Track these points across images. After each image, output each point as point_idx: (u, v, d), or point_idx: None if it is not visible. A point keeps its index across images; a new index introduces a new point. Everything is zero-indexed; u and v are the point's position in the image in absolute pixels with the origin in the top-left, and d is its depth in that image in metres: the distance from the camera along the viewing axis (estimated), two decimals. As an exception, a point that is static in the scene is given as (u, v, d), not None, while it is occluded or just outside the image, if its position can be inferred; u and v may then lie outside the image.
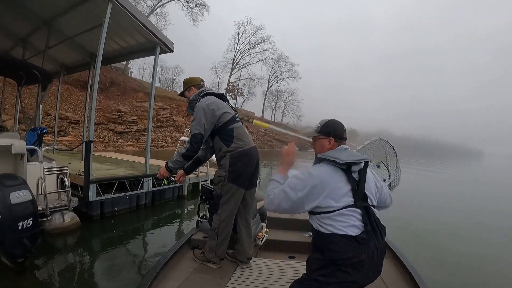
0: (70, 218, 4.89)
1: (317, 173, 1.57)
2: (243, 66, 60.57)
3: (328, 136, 1.74)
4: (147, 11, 37.32)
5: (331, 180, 1.54)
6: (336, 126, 1.77)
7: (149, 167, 7.32)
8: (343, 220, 1.50)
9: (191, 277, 2.46)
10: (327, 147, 1.73)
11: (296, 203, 1.54)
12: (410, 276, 2.46)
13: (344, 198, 1.53)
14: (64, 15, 6.85)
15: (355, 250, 1.43)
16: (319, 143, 1.79)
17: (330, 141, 1.73)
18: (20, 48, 8.78)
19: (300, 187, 1.53)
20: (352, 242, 1.45)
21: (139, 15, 6.64)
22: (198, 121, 2.49)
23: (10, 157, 4.74)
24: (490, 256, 5.43)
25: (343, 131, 1.77)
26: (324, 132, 1.76)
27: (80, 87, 25.07)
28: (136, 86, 35.73)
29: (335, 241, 1.47)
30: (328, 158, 1.58)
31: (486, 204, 11.41)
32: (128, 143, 24.70)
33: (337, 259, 1.43)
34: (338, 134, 1.74)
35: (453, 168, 33.68)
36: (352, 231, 1.48)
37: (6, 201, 3.18)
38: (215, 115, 2.55)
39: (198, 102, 2.61)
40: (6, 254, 3.31)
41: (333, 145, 1.73)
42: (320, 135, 1.78)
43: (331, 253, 1.46)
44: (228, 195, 2.57)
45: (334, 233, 1.48)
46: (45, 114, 18.08)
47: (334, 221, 1.50)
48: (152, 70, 7.79)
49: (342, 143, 1.75)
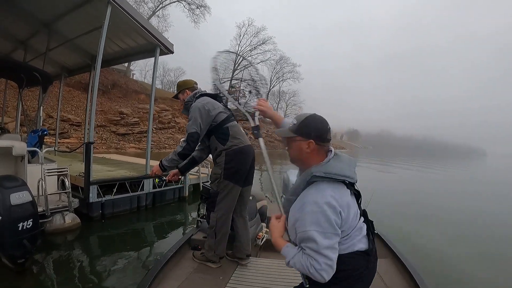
0: (71, 219, 4.91)
1: (335, 201, 1.22)
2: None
3: (308, 138, 1.34)
4: (148, 13, 37.44)
5: (348, 199, 1.30)
6: (319, 125, 1.36)
7: (149, 169, 7.31)
8: (357, 234, 1.32)
9: (191, 277, 2.46)
10: (306, 152, 1.36)
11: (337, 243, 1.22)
12: (410, 276, 2.45)
13: (357, 213, 1.36)
14: (64, 17, 6.90)
15: (366, 263, 1.33)
16: (295, 146, 1.39)
17: (309, 144, 1.34)
18: (21, 50, 8.83)
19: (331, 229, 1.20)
20: (365, 256, 1.32)
21: (139, 17, 6.67)
22: (194, 120, 2.53)
23: (11, 158, 4.75)
24: (490, 257, 5.42)
25: (327, 131, 1.37)
26: (303, 133, 1.35)
27: (82, 89, 25.18)
28: (138, 88, 35.88)
29: (349, 261, 1.28)
30: (336, 177, 1.27)
31: (488, 203, 11.37)
32: (130, 144, 24.76)
33: (351, 276, 1.28)
34: (320, 136, 1.35)
35: (454, 168, 33.52)
36: (364, 243, 1.34)
37: (6, 203, 3.19)
38: (211, 114, 2.59)
39: (194, 103, 2.65)
40: (6, 255, 3.32)
41: (313, 149, 1.35)
42: (297, 136, 1.37)
43: (346, 273, 1.27)
44: (224, 192, 2.59)
45: (349, 251, 1.28)
46: (47, 116, 18.18)
47: (351, 239, 1.30)
48: (153, 72, 7.81)
49: (325, 147, 1.38)
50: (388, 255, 3.02)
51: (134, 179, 6.74)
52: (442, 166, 33.34)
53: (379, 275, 2.57)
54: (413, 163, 36.91)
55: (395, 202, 9.95)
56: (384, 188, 12.93)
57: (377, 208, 5.81)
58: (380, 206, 7.78)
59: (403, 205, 9.74)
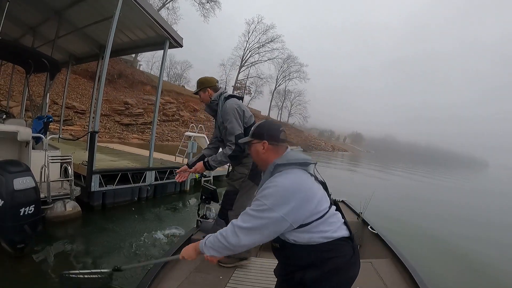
0: (72, 207, 4.94)
1: (296, 182, 1.34)
2: (252, 64, 60.51)
3: (261, 139, 1.52)
4: (158, 5, 37.41)
5: (311, 183, 1.41)
6: (270, 127, 1.55)
7: (152, 161, 7.33)
8: (334, 221, 1.40)
9: (191, 277, 2.46)
10: (262, 152, 1.52)
11: (278, 224, 1.29)
12: (410, 276, 2.46)
13: (326, 198, 1.44)
14: (75, 6, 6.91)
15: (351, 251, 1.38)
16: (253, 148, 1.57)
17: (264, 145, 1.51)
18: (30, 36, 8.83)
19: (280, 202, 1.28)
20: (349, 241, 1.39)
21: (150, 8, 6.66)
22: (236, 122, 2.60)
23: (16, 143, 4.78)
24: (489, 257, 5.46)
25: (278, 131, 1.53)
26: (257, 135, 1.55)
27: (88, 78, 25.21)
28: (144, 79, 35.86)
29: (335, 247, 1.34)
30: (293, 161, 1.41)
31: (489, 211, 11.42)
32: (133, 135, 24.81)
33: (338, 266, 1.33)
34: (272, 136, 1.51)
35: (456, 178, 33.45)
36: (344, 230, 1.41)
37: (9, 187, 3.21)
38: (245, 116, 2.68)
39: (228, 104, 2.67)
40: (6, 239, 3.35)
41: (267, 149, 1.51)
42: (253, 139, 1.56)
43: (333, 262, 1.32)
44: (244, 191, 2.72)
45: (333, 238, 1.34)
46: (52, 102, 18.22)
47: (328, 224, 1.36)
48: (161, 64, 7.82)
49: (280, 146, 1.52)
50: (388, 255, 3.03)
51: (136, 170, 6.76)
52: (444, 175, 33.23)
53: (379, 275, 2.58)
54: (415, 170, 36.81)
55: (395, 204, 9.97)
56: (384, 191, 12.91)
57: (378, 208, 5.82)
58: (381, 206, 7.80)
59: (403, 206, 9.78)
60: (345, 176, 20.25)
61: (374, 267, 2.73)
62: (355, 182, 17.18)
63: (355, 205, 4.89)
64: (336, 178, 18.04)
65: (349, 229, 1.45)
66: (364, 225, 4.02)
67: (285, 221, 1.28)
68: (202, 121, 31.95)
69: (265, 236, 1.31)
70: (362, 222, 4.10)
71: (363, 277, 2.53)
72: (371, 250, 3.58)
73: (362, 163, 38.01)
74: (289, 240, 1.38)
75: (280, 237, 1.39)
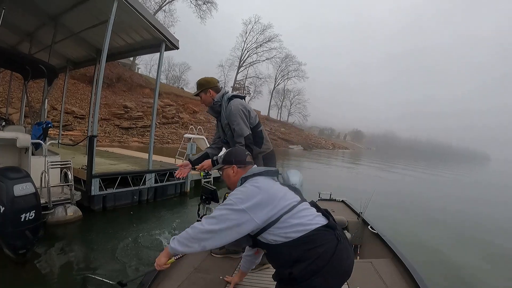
0: (73, 212, 4.97)
1: (257, 183, 1.54)
2: (250, 65, 60.60)
3: (231, 164, 1.77)
4: (154, 8, 37.43)
5: (273, 185, 1.59)
6: (237, 153, 1.83)
7: (152, 163, 7.35)
8: (306, 214, 1.49)
9: (191, 277, 2.46)
10: (232, 175, 1.77)
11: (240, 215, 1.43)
12: (410, 276, 2.46)
13: (291, 195, 1.57)
14: (70, 11, 6.94)
15: (334, 237, 1.43)
16: (225, 173, 1.82)
17: (233, 169, 1.77)
18: (27, 43, 8.88)
19: (245, 199, 1.46)
20: (328, 229, 1.45)
21: (145, 11, 6.68)
22: (244, 123, 2.55)
23: (15, 150, 4.80)
24: (489, 257, 5.45)
25: (244, 156, 1.81)
26: (227, 161, 1.80)
27: (87, 82, 25.22)
28: (142, 82, 35.86)
29: (314, 238, 1.40)
30: (256, 172, 1.64)
31: (489, 207, 11.38)
32: (133, 138, 24.84)
33: (322, 255, 1.36)
34: (240, 161, 1.78)
35: (458, 173, 33.41)
36: (320, 219, 1.49)
37: (9, 193, 3.24)
38: (251, 116, 2.64)
39: (233, 105, 2.59)
40: (8, 245, 3.37)
41: (237, 172, 1.75)
42: (224, 165, 1.81)
43: (315, 251, 1.37)
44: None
45: (309, 230, 1.42)
46: (51, 108, 18.25)
47: (300, 218, 1.46)
48: (157, 67, 7.84)
49: (247, 167, 1.77)
50: (388, 255, 3.03)
51: (136, 173, 6.78)
52: (446, 171, 33.21)
53: (379, 275, 2.58)
54: (416, 166, 36.78)
55: (396, 203, 9.95)
56: (384, 189, 12.91)
57: (378, 209, 5.83)
58: (381, 207, 7.79)
59: (403, 206, 9.75)
60: (344, 176, 20.24)
61: (374, 267, 2.73)
62: (354, 181, 17.18)
63: (355, 205, 4.90)
64: (335, 178, 18.06)
65: (328, 218, 1.52)
66: (364, 225, 4.01)
67: (246, 213, 1.42)
68: (202, 122, 32.00)
69: (228, 227, 1.42)
70: (362, 222, 4.09)
71: (363, 277, 2.54)
72: (371, 250, 3.58)
73: (362, 161, 37.96)
74: (270, 242, 1.48)
75: (262, 241, 1.52)
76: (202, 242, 1.45)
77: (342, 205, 5.29)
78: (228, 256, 2.79)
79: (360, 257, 3.72)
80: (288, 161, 26.29)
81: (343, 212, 4.71)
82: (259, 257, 2.18)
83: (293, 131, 66.32)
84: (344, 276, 1.47)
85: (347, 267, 1.45)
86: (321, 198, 5.63)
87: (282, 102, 73.87)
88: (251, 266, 2.25)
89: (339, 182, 14.52)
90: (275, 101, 71.50)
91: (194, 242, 1.46)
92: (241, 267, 2.27)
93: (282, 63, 64.88)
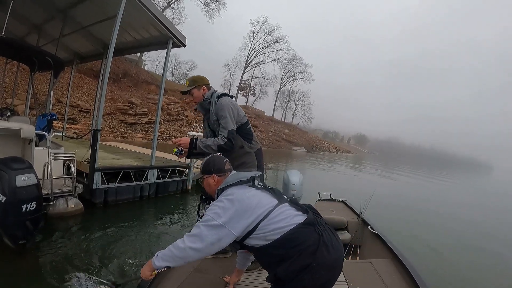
0: (74, 204, 4.97)
1: (231, 196, 1.58)
2: (257, 65, 60.58)
3: (210, 174, 1.81)
4: (163, 5, 37.57)
5: (247, 192, 1.61)
6: (216, 161, 1.86)
7: (154, 159, 7.36)
8: (284, 217, 1.53)
9: (191, 277, 2.45)
10: (213, 184, 1.80)
11: (218, 231, 1.49)
12: (410, 276, 2.45)
13: (267, 201, 1.60)
14: (79, 4, 6.98)
15: (315, 233, 1.47)
16: (205, 182, 1.86)
17: (213, 178, 1.80)
18: (35, 34, 8.92)
19: (221, 213, 1.52)
20: (307, 226, 1.49)
21: (153, 8, 6.68)
22: (230, 118, 2.59)
23: (19, 141, 4.82)
24: (489, 257, 5.46)
25: (223, 164, 1.85)
26: (206, 171, 1.84)
27: (93, 77, 25.36)
28: (148, 78, 36.01)
29: (294, 236, 1.46)
30: (230, 183, 1.66)
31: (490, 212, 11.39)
32: (137, 134, 24.92)
33: (304, 252, 1.42)
34: (219, 169, 1.82)
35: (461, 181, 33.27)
36: (298, 218, 1.53)
37: (11, 184, 3.23)
38: (240, 114, 2.69)
39: (223, 101, 2.66)
40: (8, 235, 3.37)
41: (217, 181, 1.79)
42: (204, 175, 1.85)
43: (296, 250, 1.43)
44: None
45: (287, 231, 1.48)
46: (57, 101, 18.37)
47: (277, 222, 1.52)
48: (164, 64, 7.85)
49: (227, 175, 1.80)
50: (388, 255, 3.02)
51: (139, 168, 6.79)
52: (448, 178, 33.05)
53: (379, 275, 2.57)
54: (419, 173, 36.63)
55: (397, 206, 9.95)
56: (385, 192, 12.87)
57: (378, 209, 5.84)
58: (381, 207, 7.80)
59: (404, 208, 9.75)
60: (346, 179, 20.17)
61: (374, 267, 2.72)
62: (354, 182, 17.14)
63: (355, 205, 4.88)
64: (335, 178, 18.02)
65: (307, 214, 1.57)
66: (364, 225, 4.01)
67: (224, 228, 1.49)
68: (206, 121, 31.94)
69: (210, 243, 1.49)
70: (362, 222, 4.09)
71: (363, 277, 2.54)
72: (371, 250, 3.58)
73: (365, 165, 37.83)
74: (254, 245, 1.56)
75: (247, 245, 1.59)
76: (186, 259, 1.53)
77: (342, 205, 5.28)
78: (228, 256, 2.79)
79: (360, 257, 3.72)
80: (288, 161, 26.28)
81: (343, 212, 4.70)
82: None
83: (297, 133, 66.25)
84: (333, 270, 1.49)
85: (335, 261, 1.47)
86: (321, 198, 5.62)
87: (287, 104, 73.92)
88: (247, 262, 2.28)
89: (339, 182, 14.50)
90: (280, 102, 71.53)
91: (177, 260, 1.55)
92: (237, 265, 2.29)
93: (288, 65, 64.89)
